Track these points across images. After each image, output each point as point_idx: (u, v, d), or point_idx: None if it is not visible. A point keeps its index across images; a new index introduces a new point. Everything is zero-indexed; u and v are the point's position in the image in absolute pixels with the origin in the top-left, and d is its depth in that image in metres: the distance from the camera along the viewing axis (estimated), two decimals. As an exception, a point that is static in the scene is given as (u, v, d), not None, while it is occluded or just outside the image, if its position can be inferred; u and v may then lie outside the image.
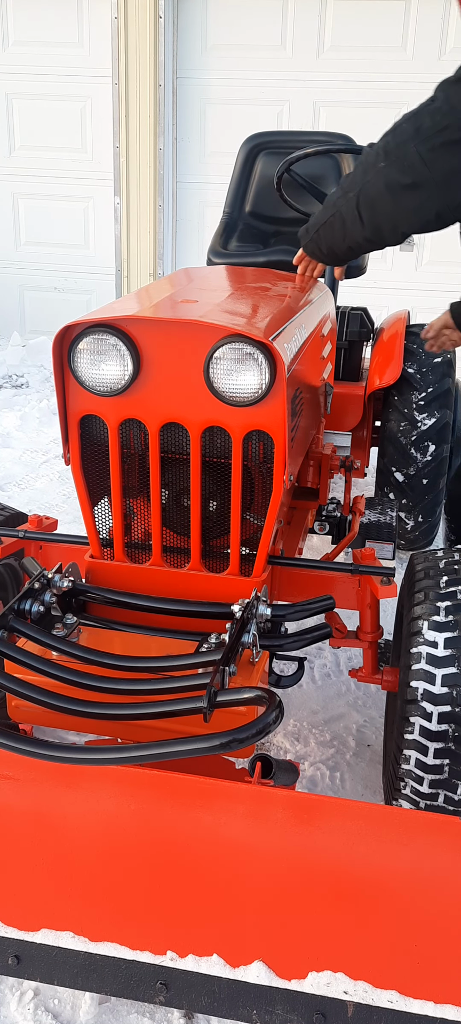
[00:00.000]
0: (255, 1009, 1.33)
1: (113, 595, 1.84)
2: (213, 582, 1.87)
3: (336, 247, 2.39)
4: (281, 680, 1.83)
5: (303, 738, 2.62)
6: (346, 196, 2.21)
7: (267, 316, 1.94)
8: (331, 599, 1.87)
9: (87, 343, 1.74)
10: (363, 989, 1.29)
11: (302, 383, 2.11)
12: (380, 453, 3.67)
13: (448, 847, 1.37)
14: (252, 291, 2.28)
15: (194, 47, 6.45)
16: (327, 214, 2.34)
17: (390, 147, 2.04)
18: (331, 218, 2.31)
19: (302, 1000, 1.31)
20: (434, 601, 1.88)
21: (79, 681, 1.58)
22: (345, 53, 6.12)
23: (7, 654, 1.60)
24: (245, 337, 1.68)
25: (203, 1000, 1.35)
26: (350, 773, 2.47)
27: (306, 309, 2.35)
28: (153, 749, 1.37)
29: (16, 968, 1.41)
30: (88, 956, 1.37)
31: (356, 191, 2.16)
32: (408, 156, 1.97)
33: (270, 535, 1.86)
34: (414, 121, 1.98)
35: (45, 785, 1.48)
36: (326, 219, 2.34)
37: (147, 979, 1.36)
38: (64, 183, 6.98)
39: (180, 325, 1.74)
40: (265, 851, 1.39)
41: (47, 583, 1.78)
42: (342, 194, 2.24)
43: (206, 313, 1.78)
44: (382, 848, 1.38)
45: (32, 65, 6.79)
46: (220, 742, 1.36)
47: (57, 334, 1.76)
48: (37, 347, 6.87)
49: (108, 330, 1.73)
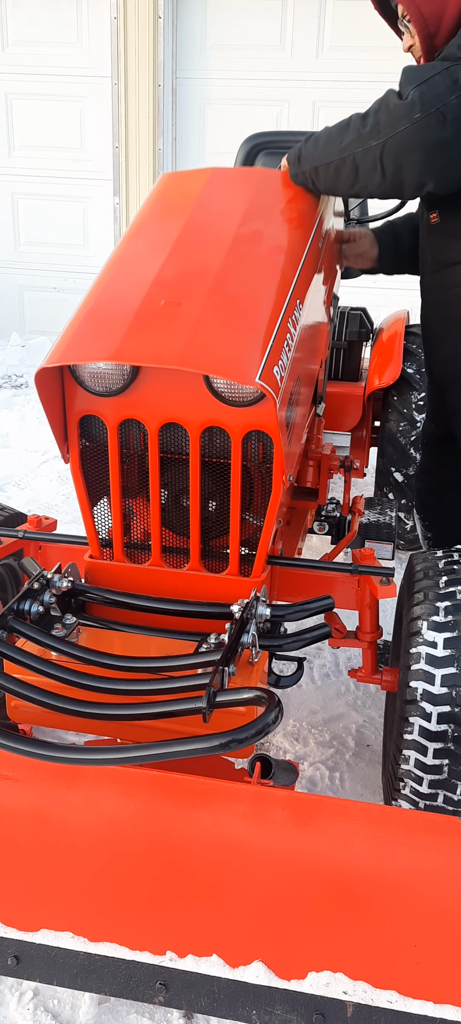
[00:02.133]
0: (255, 1009, 1.33)
1: (112, 595, 1.84)
2: (212, 582, 1.87)
3: (338, 189, 2.25)
4: (280, 680, 1.82)
5: (302, 738, 2.62)
6: (365, 144, 2.06)
7: (258, 326, 1.77)
8: (330, 599, 1.87)
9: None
10: (362, 989, 1.29)
11: (301, 368, 2.06)
12: (379, 453, 3.67)
13: (448, 847, 1.37)
14: (242, 266, 1.93)
15: (193, 47, 6.45)
16: (332, 155, 2.15)
17: (427, 98, 1.94)
18: (338, 161, 2.14)
19: (301, 1000, 1.31)
20: (433, 601, 1.88)
21: (78, 681, 1.58)
22: (345, 53, 6.12)
23: (7, 654, 1.60)
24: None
25: (203, 1000, 1.35)
26: (349, 773, 2.47)
27: (303, 263, 2.10)
28: (152, 749, 1.37)
29: (16, 968, 1.41)
30: (87, 956, 1.37)
31: (380, 140, 2.03)
32: (450, 108, 1.89)
33: (269, 535, 1.86)
34: (449, 75, 1.90)
35: (44, 785, 1.48)
36: (331, 161, 2.16)
37: (146, 979, 1.36)
38: (63, 183, 6.98)
39: (159, 369, 1.73)
40: (265, 851, 1.39)
41: (46, 583, 1.78)
42: (357, 138, 2.08)
43: (189, 344, 1.67)
44: (381, 848, 1.38)
45: (31, 65, 6.79)
46: (219, 742, 1.36)
47: (36, 375, 1.71)
48: (36, 347, 6.88)
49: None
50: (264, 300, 1.85)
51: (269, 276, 1.93)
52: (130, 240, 2.09)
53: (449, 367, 2.56)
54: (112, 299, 1.85)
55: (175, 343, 1.67)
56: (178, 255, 1.96)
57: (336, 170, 2.17)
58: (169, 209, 2.26)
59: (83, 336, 1.75)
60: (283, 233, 2.16)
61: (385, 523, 2.51)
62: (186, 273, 1.89)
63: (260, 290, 1.88)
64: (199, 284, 1.83)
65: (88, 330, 1.76)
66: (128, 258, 2.01)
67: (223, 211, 2.16)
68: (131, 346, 1.68)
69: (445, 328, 2.53)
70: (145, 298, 1.79)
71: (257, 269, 1.95)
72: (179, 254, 1.96)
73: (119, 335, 1.70)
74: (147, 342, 1.69)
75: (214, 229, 2.08)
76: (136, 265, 1.96)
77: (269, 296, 1.86)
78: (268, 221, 2.18)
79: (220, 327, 1.74)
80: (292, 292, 1.94)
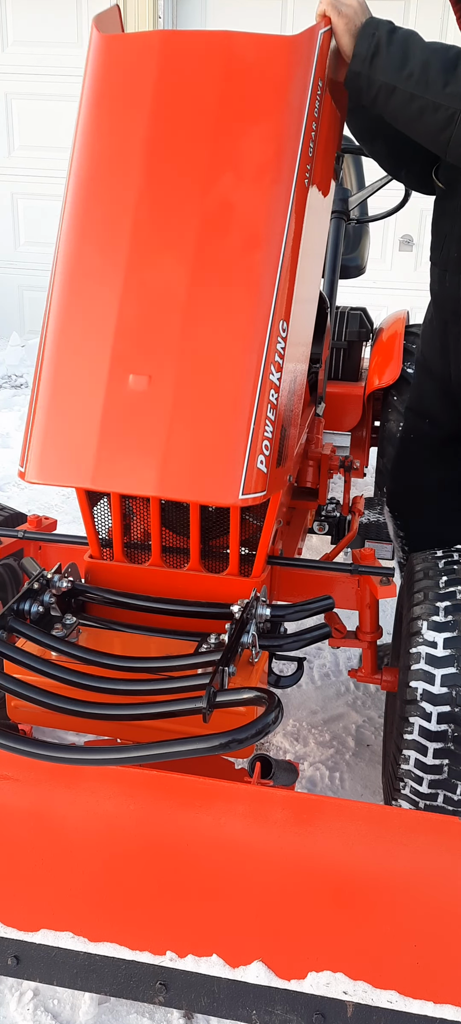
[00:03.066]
0: (255, 1009, 1.33)
1: (112, 595, 1.84)
2: (212, 582, 1.87)
3: (406, 127, 1.87)
4: (280, 680, 1.82)
5: (302, 738, 2.62)
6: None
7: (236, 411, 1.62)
8: (330, 599, 1.87)
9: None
10: (362, 989, 1.29)
11: (294, 369, 1.91)
12: (379, 453, 3.67)
13: (447, 847, 1.37)
14: (210, 295, 1.67)
15: (193, 47, 6.45)
16: (429, 92, 1.77)
17: None
18: (433, 106, 1.77)
19: (301, 1000, 1.31)
20: (433, 601, 1.88)
21: (78, 681, 1.58)
22: (344, 53, 6.13)
23: (6, 654, 1.60)
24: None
25: (203, 1000, 1.35)
26: (349, 773, 2.47)
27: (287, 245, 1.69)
28: (152, 749, 1.37)
29: (15, 968, 1.40)
30: (87, 956, 1.37)
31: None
32: None
33: (269, 535, 1.86)
34: None
35: (44, 785, 1.48)
36: (425, 98, 1.78)
37: (146, 979, 1.36)
38: (63, 183, 6.96)
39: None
40: (264, 851, 1.39)
41: (46, 583, 1.78)
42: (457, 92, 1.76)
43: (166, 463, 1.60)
44: (381, 848, 1.38)
45: (31, 65, 6.79)
46: (219, 742, 1.36)
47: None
48: (36, 347, 6.87)
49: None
50: (239, 361, 1.65)
51: (244, 306, 1.67)
52: (78, 243, 1.79)
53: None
54: (72, 388, 1.69)
55: (152, 461, 1.62)
56: (136, 279, 1.70)
57: (422, 111, 1.79)
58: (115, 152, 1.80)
59: (53, 454, 1.67)
60: (259, 196, 1.70)
61: (385, 523, 2.51)
62: (148, 323, 1.68)
63: (235, 342, 1.66)
64: (164, 346, 1.65)
65: (56, 445, 1.68)
66: (78, 291, 1.75)
67: (183, 164, 1.73)
68: (106, 471, 1.64)
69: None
70: (108, 386, 1.65)
71: (229, 296, 1.67)
72: (137, 275, 1.70)
73: (91, 453, 1.63)
74: (122, 464, 1.64)
75: (175, 211, 1.71)
76: (90, 307, 1.72)
77: (245, 348, 1.65)
78: (239, 172, 1.71)
79: (194, 429, 1.63)
80: (272, 320, 1.66)
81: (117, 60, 1.84)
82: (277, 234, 1.69)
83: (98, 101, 1.83)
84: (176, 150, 1.74)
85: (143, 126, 1.76)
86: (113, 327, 1.68)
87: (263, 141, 1.71)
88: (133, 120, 1.78)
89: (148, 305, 1.69)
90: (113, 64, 1.84)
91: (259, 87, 1.73)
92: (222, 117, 1.72)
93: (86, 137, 1.84)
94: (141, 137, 1.76)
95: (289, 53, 1.76)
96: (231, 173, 1.71)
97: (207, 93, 1.75)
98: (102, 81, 1.84)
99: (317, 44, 1.76)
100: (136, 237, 1.72)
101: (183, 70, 1.78)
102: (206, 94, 1.75)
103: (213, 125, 1.73)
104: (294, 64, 1.75)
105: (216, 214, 1.69)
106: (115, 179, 1.79)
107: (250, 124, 1.72)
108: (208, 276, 1.68)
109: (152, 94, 1.77)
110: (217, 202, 1.70)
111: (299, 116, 1.73)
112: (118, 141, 1.80)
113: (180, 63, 1.78)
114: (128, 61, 1.83)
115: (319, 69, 1.77)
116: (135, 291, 1.70)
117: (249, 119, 1.72)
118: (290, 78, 1.75)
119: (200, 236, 1.68)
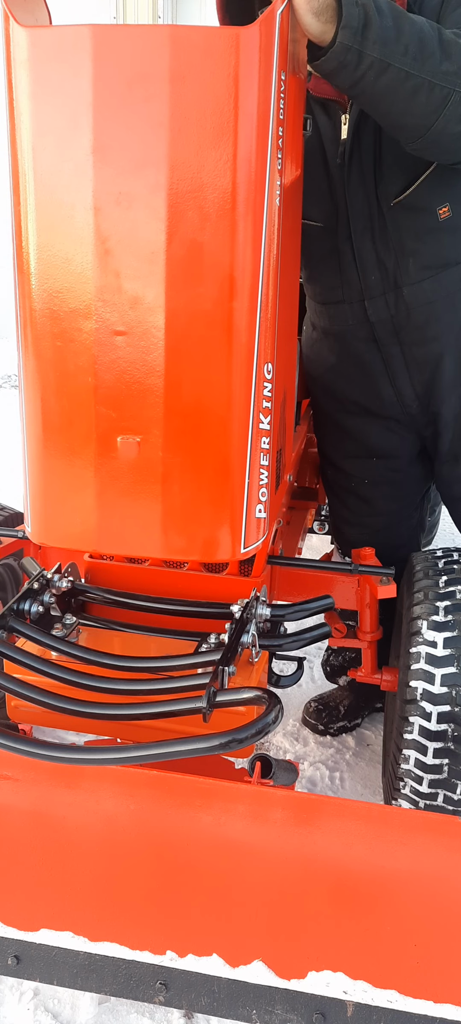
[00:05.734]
0: (255, 1009, 1.33)
1: (112, 595, 1.84)
2: (212, 582, 1.87)
3: (396, 109, 1.65)
4: (280, 680, 1.83)
5: (302, 738, 2.62)
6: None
7: (231, 462, 1.57)
8: (330, 599, 1.87)
9: None
10: (362, 989, 1.29)
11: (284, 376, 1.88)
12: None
13: (447, 847, 1.37)
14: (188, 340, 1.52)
15: (193, 47, 6.45)
16: (421, 71, 1.58)
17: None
18: (428, 85, 1.59)
19: (302, 1000, 1.31)
20: (433, 601, 1.88)
21: (78, 681, 1.58)
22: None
23: (6, 654, 1.60)
24: None
25: (203, 1000, 1.35)
26: (349, 773, 2.47)
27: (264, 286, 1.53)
28: (152, 749, 1.37)
29: (16, 968, 1.41)
30: (88, 956, 1.37)
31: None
32: None
33: (269, 535, 1.86)
34: None
35: (44, 785, 1.48)
36: (419, 77, 1.58)
37: (147, 979, 1.36)
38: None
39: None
40: (265, 851, 1.39)
41: (46, 583, 1.78)
42: (457, 71, 1.60)
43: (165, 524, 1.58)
44: (381, 848, 1.38)
45: None
46: (219, 742, 1.36)
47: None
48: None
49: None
50: (228, 417, 1.56)
51: (225, 358, 1.54)
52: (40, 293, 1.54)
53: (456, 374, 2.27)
54: (63, 451, 1.61)
55: (152, 524, 1.61)
56: (107, 334, 1.52)
57: (415, 91, 1.59)
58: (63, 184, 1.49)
59: (55, 519, 1.67)
60: (227, 234, 1.48)
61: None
62: (128, 381, 1.54)
63: (221, 397, 1.55)
64: (150, 405, 1.54)
65: (57, 511, 1.66)
66: (49, 346, 1.57)
67: (138, 199, 1.46)
68: (110, 537, 1.65)
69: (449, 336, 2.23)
70: (98, 450, 1.58)
71: (209, 347, 1.53)
72: (108, 332, 1.52)
73: (92, 519, 1.62)
74: (124, 527, 1.62)
75: (138, 257, 1.49)
76: (64, 362, 1.56)
77: (232, 403, 1.56)
78: (203, 207, 1.46)
79: (191, 490, 1.59)
80: (256, 366, 1.56)
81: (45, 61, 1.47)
82: (253, 275, 1.50)
83: (33, 122, 1.48)
84: (127, 181, 1.46)
85: (87, 152, 1.46)
86: (92, 385, 1.55)
87: (224, 164, 1.44)
88: (75, 145, 1.47)
89: (125, 362, 1.54)
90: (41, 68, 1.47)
91: (213, 94, 1.42)
92: (175, 138, 1.43)
93: (28, 167, 1.52)
94: (87, 166, 1.47)
95: (246, 47, 1.42)
96: (194, 210, 1.46)
97: (154, 107, 1.43)
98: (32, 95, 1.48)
99: (276, 30, 1.45)
100: (101, 291, 1.51)
101: (122, 76, 1.43)
102: (153, 108, 1.43)
103: (165, 150, 1.44)
104: (251, 61, 1.43)
105: (184, 260, 1.48)
106: (67, 216, 1.50)
107: (208, 145, 1.43)
108: (184, 329, 1.51)
109: (91, 110, 1.45)
110: (183, 245, 1.47)
111: (263, 125, 1.46)
112: (65, 175, 1.49)
113: (119, 66, 1.43)
114: (59, 66, 1.46)
115: (281, 59, 1.47)
116: (109, 349, 1.53)
117: (206, 137, 1.43)
118: (248, 78, 1.43)
119: (170, 287, 1.49)
